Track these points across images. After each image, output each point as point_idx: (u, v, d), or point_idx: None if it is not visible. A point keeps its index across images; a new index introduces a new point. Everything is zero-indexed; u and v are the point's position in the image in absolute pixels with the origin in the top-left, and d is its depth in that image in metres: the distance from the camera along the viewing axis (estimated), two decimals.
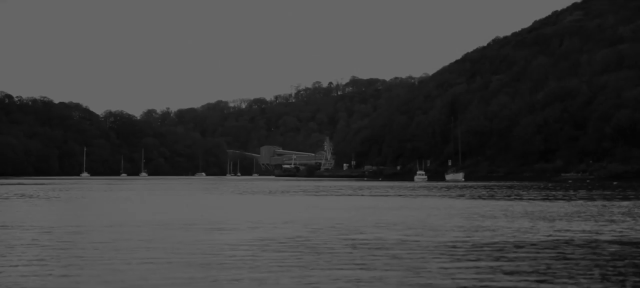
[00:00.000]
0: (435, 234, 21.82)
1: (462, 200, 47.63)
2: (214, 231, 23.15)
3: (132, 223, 26.16)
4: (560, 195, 55.82)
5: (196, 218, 28.68)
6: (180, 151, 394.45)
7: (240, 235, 21.58)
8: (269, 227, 24.20)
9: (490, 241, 20.06)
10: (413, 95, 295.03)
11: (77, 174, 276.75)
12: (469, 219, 28.11)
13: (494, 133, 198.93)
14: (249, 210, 36.36)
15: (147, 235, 21.39)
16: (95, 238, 20.99)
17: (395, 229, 23.42)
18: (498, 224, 25.56)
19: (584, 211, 33.11)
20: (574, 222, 26.75)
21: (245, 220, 27.86)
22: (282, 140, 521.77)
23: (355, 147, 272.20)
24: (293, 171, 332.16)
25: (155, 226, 24.70)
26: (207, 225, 25.48)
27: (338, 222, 25.94)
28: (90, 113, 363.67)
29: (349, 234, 21.68)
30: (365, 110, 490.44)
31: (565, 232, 22.68)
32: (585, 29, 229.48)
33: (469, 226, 24.97)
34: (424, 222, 26.80)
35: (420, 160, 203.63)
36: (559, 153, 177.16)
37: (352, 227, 23.94)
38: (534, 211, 33.42)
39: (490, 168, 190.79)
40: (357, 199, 50.67)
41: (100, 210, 35.10)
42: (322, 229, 23.15)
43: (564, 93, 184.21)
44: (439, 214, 31.50)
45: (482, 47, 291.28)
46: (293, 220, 27.61)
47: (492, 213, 32.23)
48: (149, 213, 31.80)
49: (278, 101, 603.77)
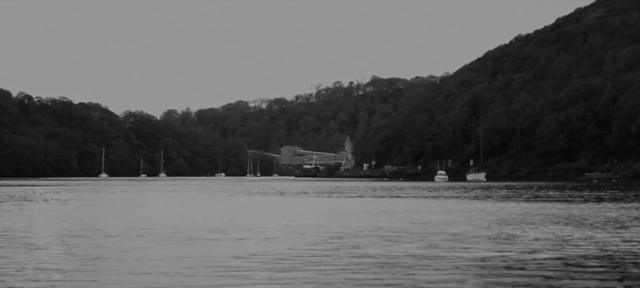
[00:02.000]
0: (462, 247, 18.94)
1: (489, 202, 45.00)
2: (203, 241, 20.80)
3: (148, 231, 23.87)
4: (593, 196, 53.12)
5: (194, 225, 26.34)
6: (200, 151, 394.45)
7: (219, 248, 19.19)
8: (259, 237, 21.65)
9: (550, 256, 17.00)
10: (434, 94, 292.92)
11: (96, 175, 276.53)
12: (501, 226, 25.31)
13: (516, 132, 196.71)
14: (246, 214, 33.76)
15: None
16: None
17: (416, 240, 20.76)
18: (543, 233, 22.32)
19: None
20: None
21: (238, 227, 25.47)
22: (302, 140, 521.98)
23: (376, 147, 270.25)
24: (313, 171, 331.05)
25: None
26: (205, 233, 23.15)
27: (345, 231, 23.38)
28: (110, 113, 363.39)
29: (355, 247, 18.98)
30: (386, 109, 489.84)
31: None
32: (609, 26, 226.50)
33: (504, 235, 21.95)
34: (448, 229, 24.10)
35: (441, 160, 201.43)
36: (583, 153, 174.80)
37: (359, 238, 21.01)
38: (578, 215, 30.54)
39: (513, 168, 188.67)
40: (374, 202, 48.18)
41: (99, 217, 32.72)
42: (325, 240, 20.53)
43: (588, 91, 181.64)
44: (466, 220, 28.84)
45: (504, 45, 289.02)
46: (292, 227, 25.20)
47: (528, 218, 29.40)
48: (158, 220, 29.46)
49: (298, 101, 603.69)
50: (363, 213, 32.96)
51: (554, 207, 37.77)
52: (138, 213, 35.33)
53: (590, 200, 45.52)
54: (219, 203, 46.97)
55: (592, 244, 19.16)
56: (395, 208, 37.30)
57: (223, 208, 39.18)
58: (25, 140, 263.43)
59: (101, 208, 39.28)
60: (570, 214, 31.27)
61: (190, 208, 39.53)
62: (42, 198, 52.26)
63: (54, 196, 57.61)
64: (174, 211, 36.90)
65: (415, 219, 28.72)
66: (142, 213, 35.42)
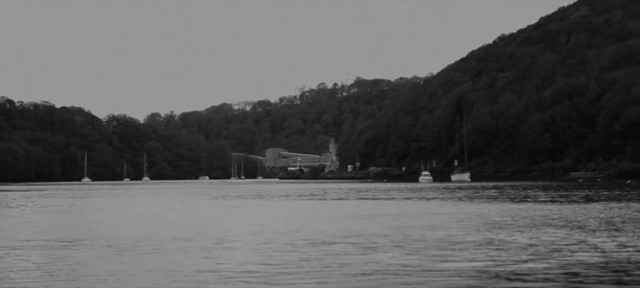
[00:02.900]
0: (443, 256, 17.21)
1: (475, 203, 43.60)
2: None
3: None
4: (581, 196, 51.88)
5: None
6: (184, 155, 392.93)
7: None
8: (224, 246, 20.05)
9: (541, 266, 15.40)
10: (418, 95, 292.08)
11: (79, 179, 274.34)
12: (489, 229, 23.74)
13: (500, 132, 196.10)
14: (218, 221, 32.11)
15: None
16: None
17: (395, 247, 19.12)
18: (535, 238, 20.64)
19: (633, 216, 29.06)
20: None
21: (205, 235, 23.91)
22: (287, 142, 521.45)
23: (360, 148, 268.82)
24: (297, 173, 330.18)
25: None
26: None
27: (320, 237, 21.83)
28: (93, 117, 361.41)
29: (327, 255, 17.32)
30: (370, 111, 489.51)
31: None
32: (593, 25, 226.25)
33: (489, 239, 20.40)
34: (431, 234, 22.49)
35: (426, 161, 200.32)
36: (567, 152, 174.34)
37: (333, 245, 19.31)
38: (569, 217, 29.11)
39: (497, 167, 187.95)
40: (355, 204, 46.77)
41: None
42: (295, 249, 18.92)
43: (572, 90, 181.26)
44: (453, 224, 27.30)
45: (487, 45, 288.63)
46: (263, 234, 23.62)
47: (517, 220, 27.91)
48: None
49: (283, 103, 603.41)
50: (342, 217, 31.47)
51: (542, 208, 36.41)
52: (105, 220, 33.67)
53: (578, 201, 44.26)
54: (194, 208, 45.40)
55: (589, 250, 17.63)
56: (377, 211, 35.80)
57: (197, 214, 37.56)
58: (6, 144, 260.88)
59: (68, 215, 37.60)
60: (560, 216, 29.86)
61: (162, 214, 37.93)
62: (15, 204, 50.60)
63: (27, 202, 55.93)
64: (143, 217, 35.32)
65: (396, 223, 27.17)
66: (109, 219, 33.81)
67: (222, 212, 40.12)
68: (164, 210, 42.21)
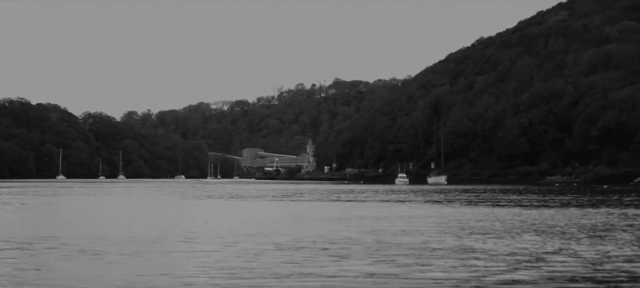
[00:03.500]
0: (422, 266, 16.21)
1: (452, 207, 42.66)
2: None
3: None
4: (558, 200, 51.19)
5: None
6: (160, 153, 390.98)
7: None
8: (186, 249, 18.88)
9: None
10: (396, 96, 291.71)
11: (54, 177, 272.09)
12: (467, 235, 22.60)
13: (477, 135, 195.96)
14: (183, 222, 30.86)
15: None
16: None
17: (367, 253, 17.84)
18: (516, 245, 19.45)
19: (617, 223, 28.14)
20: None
21: (167, 238, 22.75)
22: (264, 142, 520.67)
23: (337, 149, 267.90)
24: (274, 174, 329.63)
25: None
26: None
27: (286, 242, 20.67)
28: (69, 114, 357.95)
29: (288, 263, 15.95)
30: (348, 112, 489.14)
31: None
32: (571, 29, 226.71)
33: (467, 246, 19.20)
34: (405, 240, 21.22)
35: (402, 163, 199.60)
36: (544, 156, 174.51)
37: (299, 251, 17.99)
38: (549, 222, 28.10)
39: (474, 171, 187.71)
40: (329, 206, 45.71)
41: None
42: (257, 255, 17.73)
43: (549, 94, 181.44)
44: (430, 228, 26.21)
45: (466, 48, 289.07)
46: (227, 237, 22.46)
47: (495, 225, 26.98)
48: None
49: (260, 103, 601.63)
50: (314, 220, 30.32)
51: (521, 212, 35.44)
52: (66, 219, 32.42)
53: (556, 205, 43.43)
54: (161, 208, 44.16)
55: (573, 260, 16.42)
56: (351, 214, 34.72)
57: (163, 214, 36.24)
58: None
59: (28, 214, 36.31)
60: (540, 221, 28.83)
61: (125, 214, 36.61)
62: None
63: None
64: (103, 216, 34.07)
65: (370, 227, 26.06)
66: (70, 218, 32.56)
67: (190, 212, 38.90)
68: (128, 211, 40.86)
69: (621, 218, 30.95)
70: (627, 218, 30.63)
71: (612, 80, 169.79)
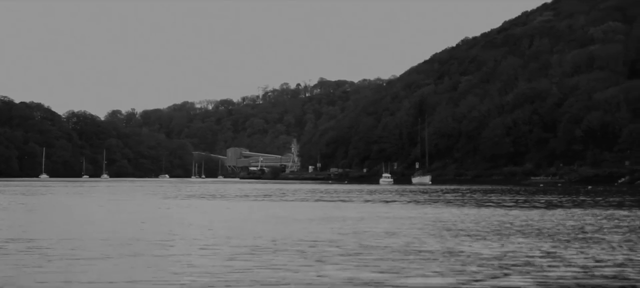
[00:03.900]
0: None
1: (437, 207, 41.93)
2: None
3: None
4: (544, 201, 50.55)
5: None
6: (144, 152, 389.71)
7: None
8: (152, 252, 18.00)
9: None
10: (380, 96, 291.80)
11: (37, 176, 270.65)
12: (453, 237, 21.81)
13: (462, 135, 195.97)
14: (158, 223, 29.87)
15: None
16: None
17: (345, 258, 16.88)
18: (504, 248, 18.65)
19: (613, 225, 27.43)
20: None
21: (141, 240, 21.88)
22: (249, 141, 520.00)
23: (321, 149, 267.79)
24: (258, 173, 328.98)
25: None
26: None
27: (261, 244, 19.85)
28: (53, 113, 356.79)
29: (259, 268, 14.98)
30: (333, 112, 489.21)
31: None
32: (556, 30, 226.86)
33: (452, 249, 18.32)
34: (388, 243, 20.31)
35: (387, 163, 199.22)
36: (529, 156, 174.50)
37: (273, 255, 17.04)
38: (535, 224, 27.30)
39: (458, 171, 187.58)
40: (311, 206, 44.90)
41: None
42: (229, 258, 16.83)
43: (534, 94, 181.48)
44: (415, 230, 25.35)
45: (450, 48, 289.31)
46: (200, 238, 21.62)
47: (482, 226, 26.14)
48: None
49: (245, 102, 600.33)
50: (294, 221, 29.48)
51: (506, 213, 34.71)
52: (37, 219, 31.46)
53: (543, 206, 42.75)
54: (140, 208, 43.22)
55: (562, 266, 15.65)
56: (334, 215, 33.91)
57: (139, 216, 35.19)
58: None
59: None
60: (526, 223, 28.05)
61: (98, 216, 35.59)
62: None
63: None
64: (77, 218, 33.08)
65: (352, 228, 25.24)
66: (41, 219, 31.61)
67: (167, 213, 37.96)
68: (103, 211, 39.82)
69: (609, 219, 30.30)
70: (614, 219, 30.00)
71: (596, 81, 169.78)
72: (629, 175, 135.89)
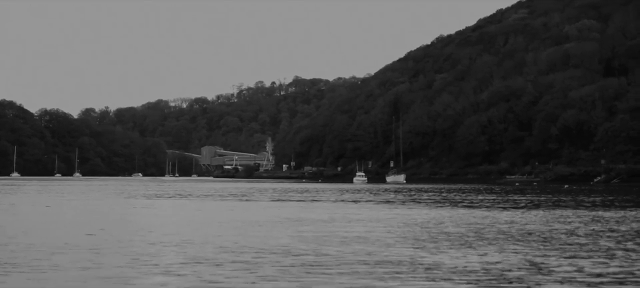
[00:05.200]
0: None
1: (412, 208, 39.92)
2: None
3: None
4: (523, 201, 48.85)
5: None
6: (118, 151, 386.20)
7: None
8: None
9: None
10: (355, 94, 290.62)
11: (8, 174, 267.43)
12: (428, 243, 19.84)
13: (437, 133, 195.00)
14: (112, 226, 27.66)
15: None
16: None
17: (308, 269, 14.61)
18: (491, 255, 16.69)
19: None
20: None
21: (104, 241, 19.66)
22: (224, 140, 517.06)
23: (295, 148, 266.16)
24: (232, 172, 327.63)
25: None
26: None
27: (207, 253, 17.60)
28: (25, 111, 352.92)
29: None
30: (308, 110, 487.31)
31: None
32: (530, 27, 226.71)
33: (425, 260, 16.11)
34: (357, 249, 18.02)
35: (361, 161, 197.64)
36: (504, 155, 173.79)
37: (214, 267, 14.72)
38: (517, 227, 25.28)
39: (433, 169, 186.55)
40: (276, 206, 42.82)
41: None
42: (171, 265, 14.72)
43: (509, 92, 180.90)
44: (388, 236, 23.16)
45: (425, 46, 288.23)
46: (147, 244, 19.48)
47: (463, 229, 24.26)
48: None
49: (220, 101, 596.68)
50: (255, 223, 27.32)
51: (486, 215, 32.63)
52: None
53: (523, 206, 40.82)
54: (94, 208, 40.91)
55: (561, 281, 13.55)
56: (300, 216, 31.82)
57: (93, 218, 32.92)
58: None
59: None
60: (510, 226, 25.66)
61: (50, 216, 33.33)
62: None
63: None
64: (25, 220, 30.82)
65: (314, 232, 23.07)
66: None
67: (123, 213, 35.72)
68: (56, 212, 37.45)
69: (598, 222, 28.18)
70: (603, 222, 28.00)
71: (571, 79, 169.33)
72: (604, 173, 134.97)
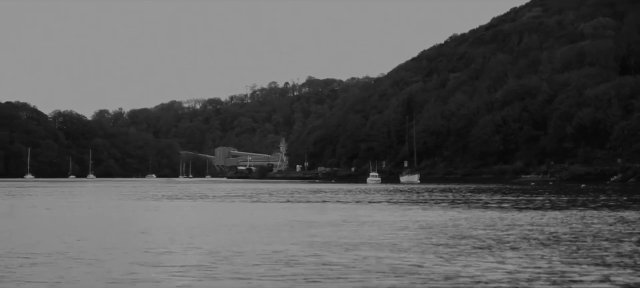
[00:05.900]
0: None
1: (428, 209, 38.95)
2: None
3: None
4: (541, 201, 47.72)
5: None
6: (131, 152, 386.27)
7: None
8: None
9: None
10: (368, 94, 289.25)
11: (22, 176, 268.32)
12: (454, 249, 18.73)
13: (451, 133, 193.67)
14: (114, 229, 26.86)
15: None
16: None
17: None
18: (520, 265, 15.29)
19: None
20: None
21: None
22: (237, 141, 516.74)
23: (309, 148, 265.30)
24: (245, 173, 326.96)
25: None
26: None
27: (197, 260, 16.61)
28: (39, 113, 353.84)
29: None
30: (321, 110, 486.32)
31: None
32: (545, 26, 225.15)
33: (439, 269, 14.65)
34: (369, 258, 16.57)
35: (374, 161, 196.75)
36: (519, 154, 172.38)
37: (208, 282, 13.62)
38: (544, 230, 24.08)
39: (448, 169, 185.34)
40: (287, 208, 41.98)
41: None
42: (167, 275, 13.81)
43: (524, 91, 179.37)
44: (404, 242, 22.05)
45: (439, 45, 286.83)
46: (148, 250, 18.66)
47: (482, 234, 23.01)
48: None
49: (233, 102, 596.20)
50: (264, 228, 26.38)
51: (505, 216, 31.56)
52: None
53: (543, 207, 39.67)
54: (102, 210, 40.21)
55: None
56: (310, 219, 30.94)
57: (102, 220, 32.21)
58: None
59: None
60: (531, 229, 24.43)
61: (59, 218, 32.62)
62: None
63: None
64: (35, 222, 30.13)
65: (323, 237, 22.11)
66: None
67: (130, 216, 34.99)
68: (66, 214, 36.78)
69: (622, 223, 27.01)
70: (627, 224, 26.86)
71: (587, 77, 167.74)
72: (621, 172, 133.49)
